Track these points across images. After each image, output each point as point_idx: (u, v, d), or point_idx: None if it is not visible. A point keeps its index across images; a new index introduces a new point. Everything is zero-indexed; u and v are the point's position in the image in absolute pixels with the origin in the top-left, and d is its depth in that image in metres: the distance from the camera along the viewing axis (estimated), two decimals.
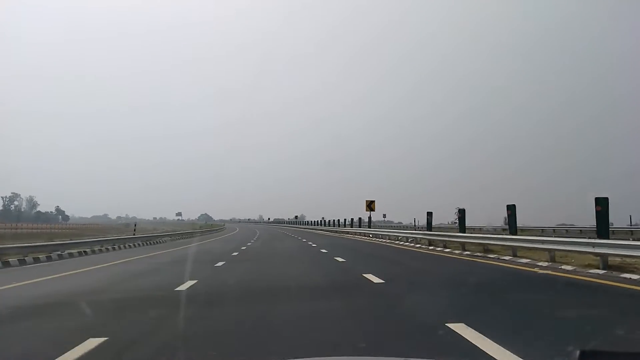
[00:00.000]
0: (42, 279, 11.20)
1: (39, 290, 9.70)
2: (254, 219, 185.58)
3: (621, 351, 1.56)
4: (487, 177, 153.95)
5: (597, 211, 11.54)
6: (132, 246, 27.29)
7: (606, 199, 12.02)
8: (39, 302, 7.92)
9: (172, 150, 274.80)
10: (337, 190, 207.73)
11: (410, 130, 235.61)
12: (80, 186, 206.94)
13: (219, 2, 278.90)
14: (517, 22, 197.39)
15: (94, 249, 22.67)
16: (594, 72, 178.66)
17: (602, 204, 11.56)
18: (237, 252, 20.49)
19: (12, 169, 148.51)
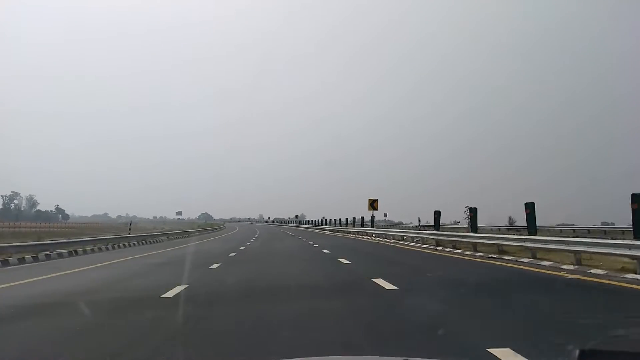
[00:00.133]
0: (12, 284, 10.04)
1: None
2: (254, 219, 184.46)
3: (620, 350, 1.46)
4: (487, 177, 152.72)
5: (634, 209, 10.34)
6: (127, 246, 26.11)
7: None
8: None
9: (172, 150, 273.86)
10: (337, 189, 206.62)
11: (410, 130, 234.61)
12: (80, 185, 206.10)
13: (219, 2, 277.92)
14: (517, 22, 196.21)
15: (86, 249, 21.52)
16: (594, 72, 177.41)
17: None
18: (235, 252, 19.33)
19: (12, 168, 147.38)
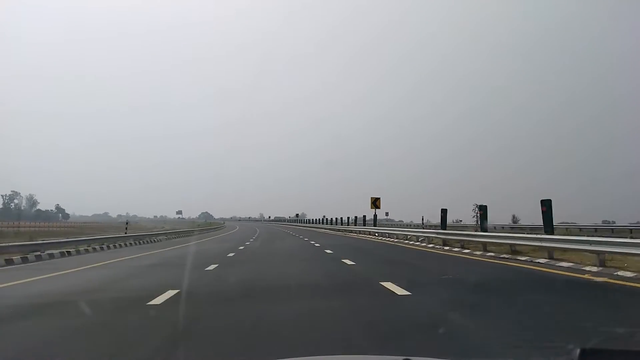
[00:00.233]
0: None
1: None
2: (254, 218, 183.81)
3: (621, 349, 1.42)
4: (487, 177, 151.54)
5: None
6: (123, 246, 25.26)
7: None
8: None
9: (172, 149, 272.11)
10: (337, 188, 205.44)
11: (410, 129, 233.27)
12: (81, 185, 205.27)
13: (219, 2, 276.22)
14: (517, 22, 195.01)
15: (79, 249, 20.68)
16: (594, 72, 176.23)
17: None
18: (234, 252, 18.47)
19: (13, 168, 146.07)
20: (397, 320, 5.65)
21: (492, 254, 14.66)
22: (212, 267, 12.54)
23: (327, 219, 64.84)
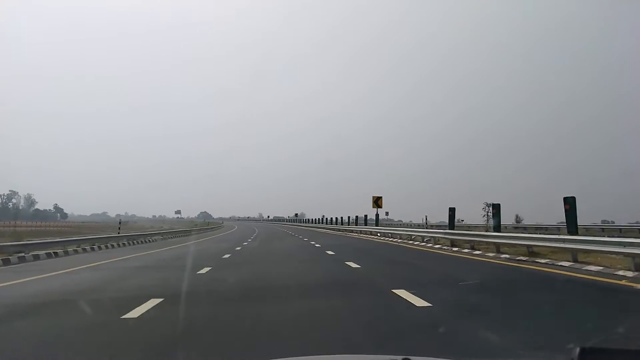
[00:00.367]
0: None
1: None
2: (253, 217, 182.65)
3: (621, 348, 1.42)
4: (487, 177, 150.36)
5: None
6: (115, 246, 24.12)
7: None
8: None
9: (172, 149, 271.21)
10: (337, 188, 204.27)
11: (410, 129, 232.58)
12: (80, 185, 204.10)
13: (219, 2, 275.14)
14: (517, 22, 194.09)
15: (67, 250, 19.56)
16: (594, 72, 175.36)
17: None
18: (230, 253, 17.35)
19: (11, 167, 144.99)
20: (428, 344, 4.50)
21: (506, 256, 13.55)
22: (205, 270, 11.44)
23: (326, 219, 63.65)
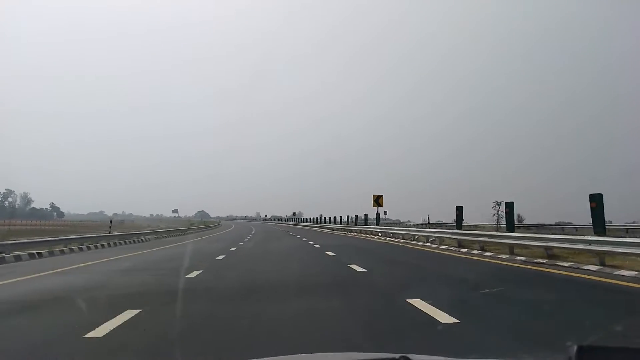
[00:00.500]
0: None
1: None
2: (251, 216, 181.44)
3: (618, 346, 1.39)
4: (487, 177, 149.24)
5: None
6: (105, 246, 22.95)
7: None
8: None
9: (170, 149, 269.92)
10: (335, 188, 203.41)
11: (409, 130, 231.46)
12: (78, 184, 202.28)
13: (219, 2, 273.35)
14: (517, 22, 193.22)
15: (53, 250, 18.42)
16: (594, 72, 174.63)
17: None
18: (224, 255, 16.21)
19: (10, 167, 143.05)
20: None
21: (522, 258, 12.47)
22: (196, 273, 10.31)
23: (325, 218, 62.49)
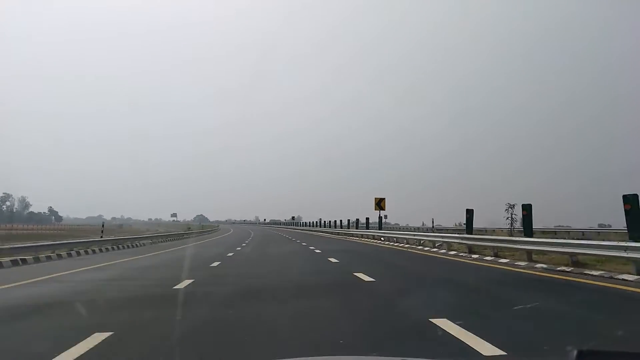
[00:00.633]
0: None
1: None
2: (249, 220, 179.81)
3: (618, 351, 1.39)
4: (486, 178, 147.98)
5: None
6: (96, 251, 21.75)
7: None
8: None
9: (169, 150, 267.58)
10: (334, 192, 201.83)
11: (410, 131, 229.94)
12: (77, 186, 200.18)
13: (219, 2, 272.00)
14: (517, 22, 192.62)
15: (39, 257, 17.24)
16: (594, 72, 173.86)
17: None
18: (220, 261, 15.05)
19: (8, 168, 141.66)
20: None
21: (543, 266, 11.34)
22: (185, 284, 9.18)
23: (324, 222, 61.28)
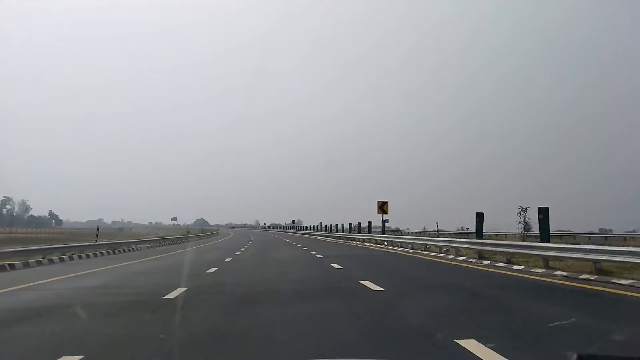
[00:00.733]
0: None
1: None
2: (250, 224, 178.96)
3: (618, 355, 1.40)
4: (486, 179, 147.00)
5: None
6: (90, 256, 20.91)
7: None
8: None
9: (170, 153, 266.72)
10: (334, 196, 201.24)
11: (411, 131, 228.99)
12: (77, 191, 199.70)
13: (218, 2, 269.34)
14: (518, 22, 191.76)
15: (29, 262, 16.41)
16: (594, 72, 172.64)
17: None
18: (217, 267, 14.18)
19: (9, 172, 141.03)
20: None
21: (563, 273, 10.47)
22: (177, 293, 8.34)
23: (325, 226, 60.38)
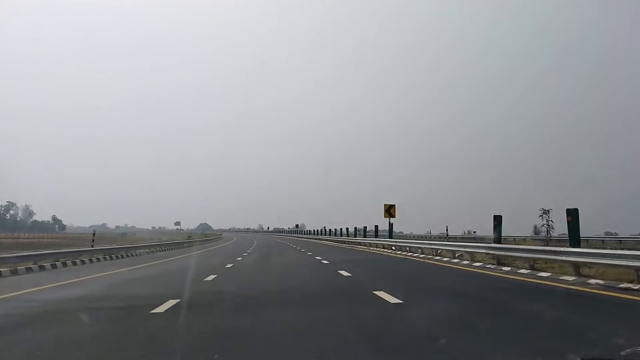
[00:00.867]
0: None
1: None
2: (253, 229, 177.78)
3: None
4: (486, 182, 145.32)
5: None
6: (86, 262, 19.88)
7: None
8: None
9: (171, 154, 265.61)
10: (338, 200, 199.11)
11: (414, 133, 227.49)
12: (80, 196, 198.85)
13: (218, 1, 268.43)
14: (517, 22, 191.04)
15: (18, 269, 15.44)
16: (594, 72, 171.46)
17: None
18: (216, 274, 13.10)
19: (12, 177, 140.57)
20: None
21: (598, 282, 9.36)
22: (168, 305, 7.32)
23: (329, 230, 59.25)
